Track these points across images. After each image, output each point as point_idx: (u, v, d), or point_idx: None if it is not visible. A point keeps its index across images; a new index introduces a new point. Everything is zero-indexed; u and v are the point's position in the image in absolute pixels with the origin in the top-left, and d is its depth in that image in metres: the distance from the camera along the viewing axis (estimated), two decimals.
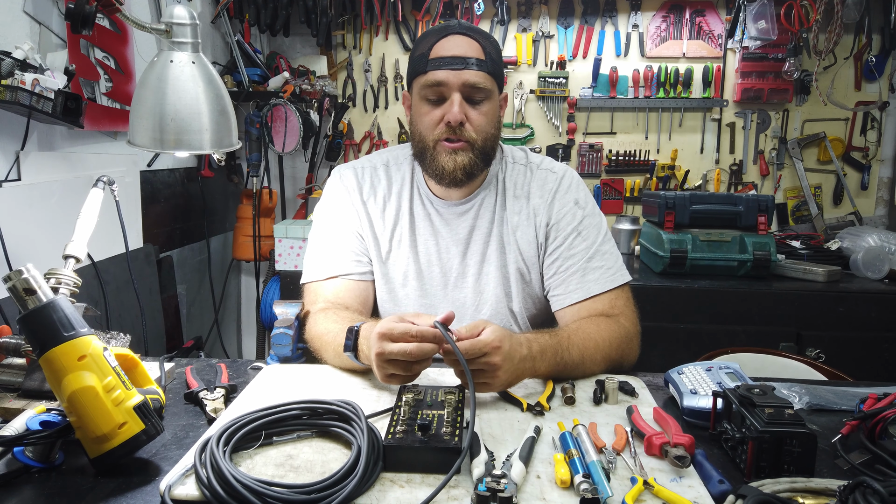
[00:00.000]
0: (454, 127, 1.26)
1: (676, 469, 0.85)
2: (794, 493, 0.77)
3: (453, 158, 1.27)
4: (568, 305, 1.33)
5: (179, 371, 1.23)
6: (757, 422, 0.86)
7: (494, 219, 1.38)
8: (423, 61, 1.27)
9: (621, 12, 3.12)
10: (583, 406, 1.07)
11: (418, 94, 1.30)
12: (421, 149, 1.32)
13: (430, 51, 1.26)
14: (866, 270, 2.57)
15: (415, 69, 1.30)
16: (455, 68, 1.24)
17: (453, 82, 1.24)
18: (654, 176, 3.21)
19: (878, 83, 3.06)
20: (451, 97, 1.25)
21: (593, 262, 1.33)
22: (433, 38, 1.28)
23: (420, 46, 1.30)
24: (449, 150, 1.27)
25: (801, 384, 1.18)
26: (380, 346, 0.99)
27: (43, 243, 1.74)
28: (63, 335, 0.84)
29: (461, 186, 1.33)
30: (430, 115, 1.28)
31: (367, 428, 0.86)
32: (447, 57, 1.24)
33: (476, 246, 1.39)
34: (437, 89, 1.26)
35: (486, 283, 1.39)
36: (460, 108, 1.25)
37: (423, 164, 1.34)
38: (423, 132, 1.30)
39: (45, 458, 0.86)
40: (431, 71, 1.25)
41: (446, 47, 1.26)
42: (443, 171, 1.29)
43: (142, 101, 1.07)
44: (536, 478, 0.84)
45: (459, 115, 1.25)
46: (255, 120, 2.89)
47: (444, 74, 1.24)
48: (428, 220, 1.40)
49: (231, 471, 0.76)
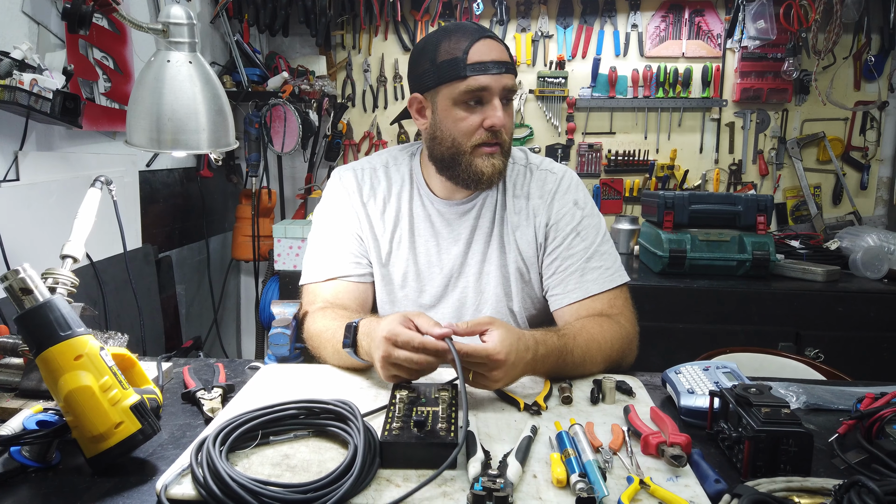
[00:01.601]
0: (497, 131, 1.26)
1: (673, 468, 0.85)
2: (789, 493, 0.77)
3: (491, 163, 1.28)
4: (566, 305, 1.33)
5: (177, 371, 1.23)
6: (753, 421, 0.86)
7: (495, 218, 1.39)
8: (460, 65, 1.23)
9: (620, 12, 3.12)
10: (580, 405, 1.07)
11: (451, 100, 1.26)
12: (452, 154, 1.29)
13: (465, 55, 1.23)
14: (865, 270, 2.57)
15: (444, 74, 1.25)
16: (496, 73, 1.24)
17: (495, 87, 1.24)
18: (653, 176, 3.21)
19: (878, 83, 3.06)
20: (491, 102, 1.25)
21: (592, 262, 1.33)
22: (464, 41, 1.24)
23: (445, 49, 1.26)
24: (487, 154, 1.28)
25: (798, 383, 1.18)
26: (385, 349, 1.00)
27: (41, 243, 1.74)
28: (59, 335, 0.84)
29: (458, 202, 1.36)
30: (468, 121, 1.26)
31: (363, 427, 0.87)
32: (489, 62, 1.24)
33: (478, 245, 1.39)
34: (478, 94, 1.25)
35: (487, 282, 1.39)
36: (503, 113, 1.26)
37: (450, 170, 1.32)
38: (457, 138, 1.28)
39: (42, 457, 0.86)
40: (473, 76, 1.23)
41: (484, 52, 1.24)
42: (481, 175, 1.28)
43: (139, 101, 1.07)
44: (533, 477, 0.84)
45: (505, 120, 1.26)
46: (254, 120, 2.89)
47: (487, 80, 1.23)
48: (428, 221, 1.40)
49: (227, 470, 0.76)
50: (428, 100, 1.31)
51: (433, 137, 1.32)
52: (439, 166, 1.34)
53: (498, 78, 1.24)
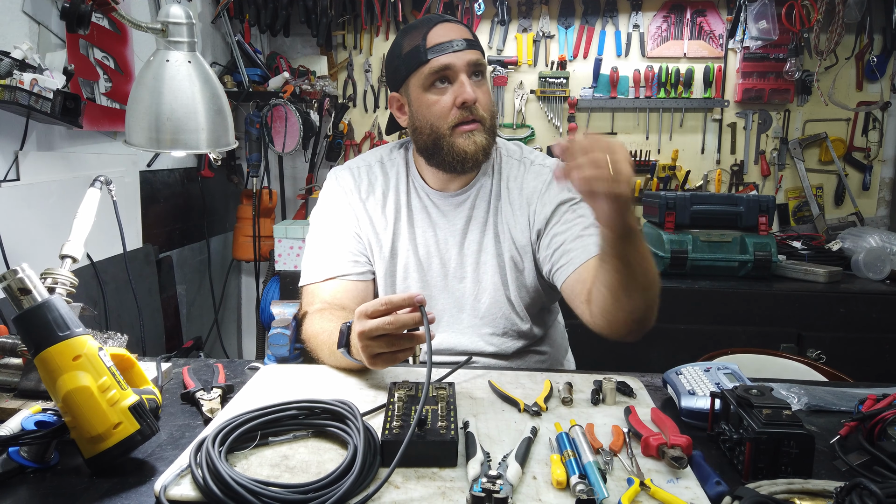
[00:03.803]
0: (469, 106, 1.26)
1: (673, 470, 0.85)
2: (790, 495, 0.77)
3: (472, 140, 1.28)
4: (573, 271, 1.27)
5: (177, 371, 1.23)
6: (754, 423, 0.85)
7: (490, 208, 1.39)
8: (420, 52, 1.27)
9: (622, 12, 3.12)
10: (580, 406, 1.06)
11: (421, 87, 1.29)
12: (434, 140, 1.30)
13: (424, 41, 1.27)
14: (868, 271, 2.57)
15: (409, 64, 1.29)
16: (456, 50, 1.25)
17: (458, 64, 1.26)
18: (654, 176, 3.20)
19: (880, 83, 3.05)
20: (458, 79, 1.26)
21: (590, 230, 1.28)
22: (421, 30, 1.28)
23: (408, 42, 1.29)
24: (466, 132, 1.28)
25: (799, 385, 1.17)
26: (360, 324, 1.01)
27: (42, 243, 1.74)
28: (58, 335, 0.84)
29: (477, 169, 1.35)
30: (439, 104, 1.28)
31: (363, 427, 0.86)
32: (447, 42, 1.26)
33: (473, 235, 1.39)
34: (443, 74, 1.26)
35: (485, 272, 1.39)
36: (471, 87, 1.26)
37: (435, 157, 1.32)
38: (434, 122, 1.29)
39: (40, 458, 0.86)
40: (434, 57, 1.25)
41: (441, 34, 1.26)
42: (464, 155, 1.28)
43: (138, 101, 1.07)
44: (532, 479, 0.83)
45: (474, 93, 1.26)
46: (255, 120, 2.89)
47: (447, 58, 1.25)
48: (425, 213, 1.41)
49: (227, 471, 0.76)
50: (403, 95, 1.34)
51: (414, 129, 1.34)
52: (426, 156, 1.35)
53: (460, 55, 1.25)
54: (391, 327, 0.99)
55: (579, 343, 1.67)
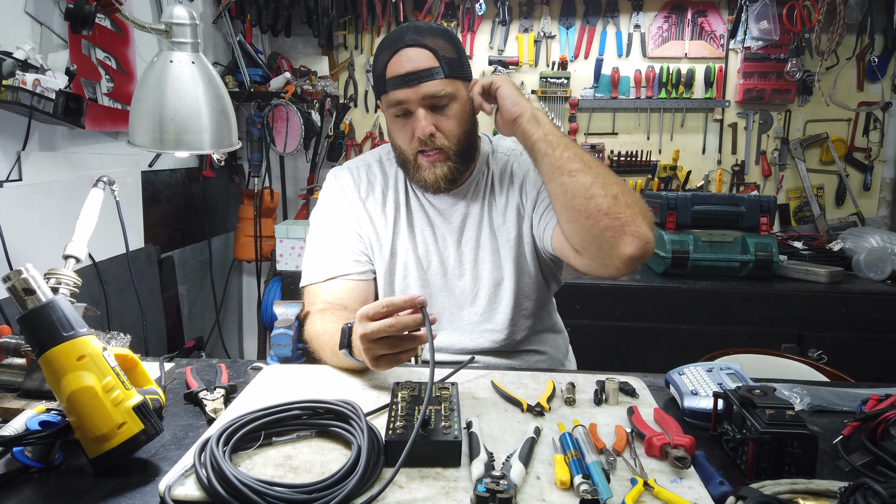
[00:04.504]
0: (424, 140, 1.27)
1: (677, 470, 0.85)
2: (794, 495, 0.77)
3: (433, 171, 1.30)
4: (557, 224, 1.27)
5: (179, 371, 1.23)
6: (758, 423, 0.85)
7: (485, 204, 1.40)
8: (381, 81, 1.28)
9: (623, 12, 3.12)
10: (583, 407, 1.07)
11: (387, 112, 1.32)
12: (402, 161, 1.35)
13: (385, 70, 1.27)
14: (869, 271, 2.56)
15: (377, 87, 1.32)
16: (411, 84, 1.23)
17: (413, 98, 1.24)
18: (655, 176, 3.20)
19: (881, 84, 3.05)
20: (415, 112, 1.26)
21: None
22: (386, 54, 1.27)
23: (377, 64, 1.30)
24: (427, 163, 1.30)
25: (802, 385, 1.17)
26: (361, 327, 1.01)
27: (44, 243, 1.74)
28: (62, 335, 0.84)
29: (448, 193, 1.37)
30: (402, 132, 1.30)
31: (367, 427, 0.86)
32: (401, 75, 1.24)
33: (470, 233, 1.40)
34: (401, 107, 1.27)
35: (483, 268, 1.40)
36: (427, 122, 1.25)
37: (407, 175, 1.38)
38: (401, 146, 1.33)
39: (45, 458, 0.86)
40: (392, 91, 1.26)
41: (399, 64, 1.24)
42: (426, 182, 1.32)
43: (141, 101, 1.07)
44: (536, 479, 0.83)
45: (427, 129, 1.25)
46: (256, 120, 2.89)
47: (403, 93, 1.24)
48: (423, 212, 1.42)
49: (231, 470, 0.76)
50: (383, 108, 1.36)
51: (391, 145, 1.39)
52: (403, 171, 1.39)
53: (415, 89, 1.23)
54: (392, 330, 0.99)
55: (580, 343, 1.67)
